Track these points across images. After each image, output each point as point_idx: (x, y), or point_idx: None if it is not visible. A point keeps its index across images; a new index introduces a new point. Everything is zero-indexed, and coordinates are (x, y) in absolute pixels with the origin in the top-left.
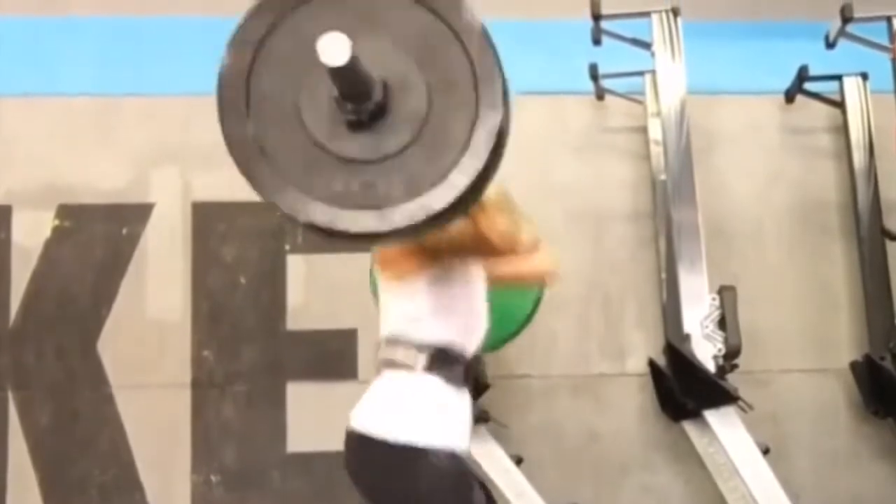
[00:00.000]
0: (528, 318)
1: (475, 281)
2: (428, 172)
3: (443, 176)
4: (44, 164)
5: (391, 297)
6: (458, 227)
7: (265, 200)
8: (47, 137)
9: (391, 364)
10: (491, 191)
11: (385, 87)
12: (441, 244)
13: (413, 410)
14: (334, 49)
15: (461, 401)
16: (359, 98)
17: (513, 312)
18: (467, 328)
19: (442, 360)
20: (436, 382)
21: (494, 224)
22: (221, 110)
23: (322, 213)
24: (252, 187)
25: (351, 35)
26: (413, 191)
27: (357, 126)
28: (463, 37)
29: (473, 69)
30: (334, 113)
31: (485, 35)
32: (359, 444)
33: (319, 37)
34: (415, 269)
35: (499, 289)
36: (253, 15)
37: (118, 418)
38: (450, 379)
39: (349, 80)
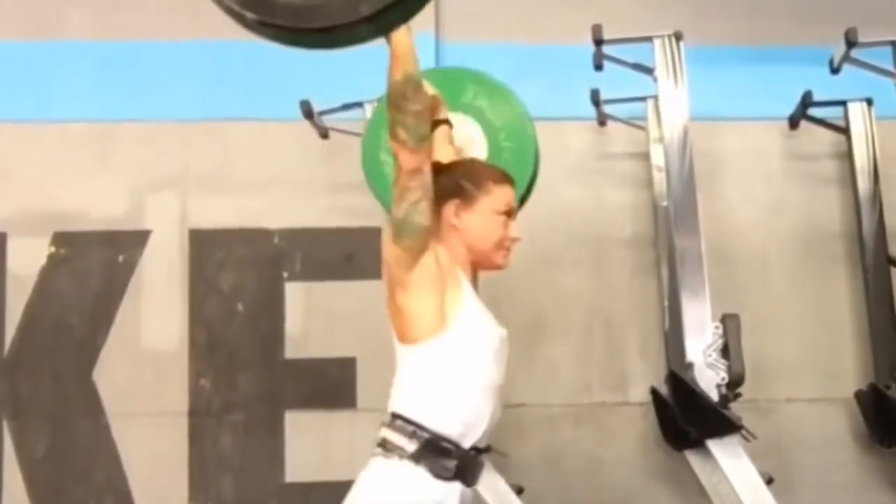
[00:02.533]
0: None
1: (489, 366)
2: None
3: None
4: (39, 191)
5: (401, 367)
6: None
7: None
8: (42, 164)
9: (383, 445)
10: None
11: None
12: (389, 270)
13: (384, 494)
14: None
15: (448, 494)
16: None
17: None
18: (469, 419)
19: (433, 451)
20: (420, 473)
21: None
22: None
23: (268, 8)
24: None
25: None
26: None
27: None
28: None
29: None
30: None
31: None
32: None
33: None
34: (398, 327)
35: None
36: None
37: (114, 447)
38: (438, 473)
39: None
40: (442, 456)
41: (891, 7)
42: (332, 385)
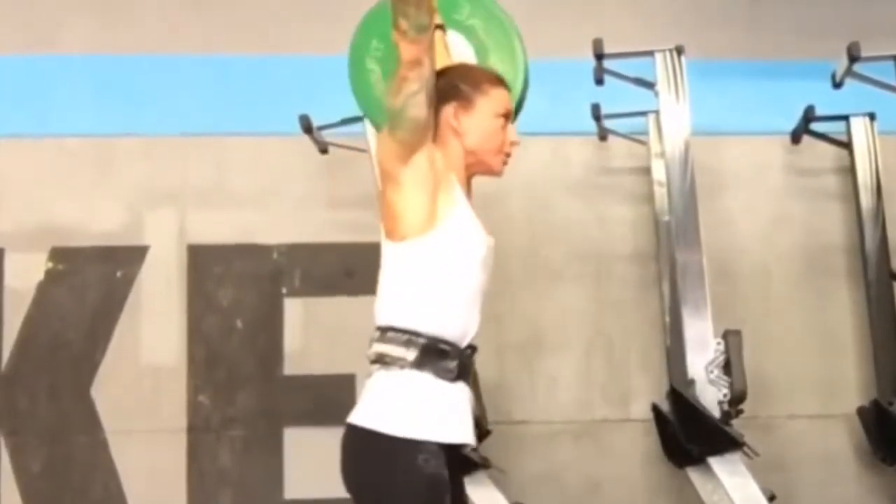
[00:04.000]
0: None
1: (477, 268)
2: None
3: None
4: (36, 206)
5: (386, 270)
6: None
7: None
8: (40, 179)
9: (381, 359)
10: None
11: None
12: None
13: (394, 403)
14: None
15: (455, 395)
16: None
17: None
18: (462, 318)
19: (432, 355)
20: (425, 378)
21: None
22: None
23: None
24: None
25: None
26: None
27: None
28: None
29: None
30: None
31: None
32: (342, 438)
33: None
34: (388, 223)
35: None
36: None
37: (112, 464)
38: (441, 375)
39: None
40: (442, 358)
41: (893, 21)
42: (331, 401)
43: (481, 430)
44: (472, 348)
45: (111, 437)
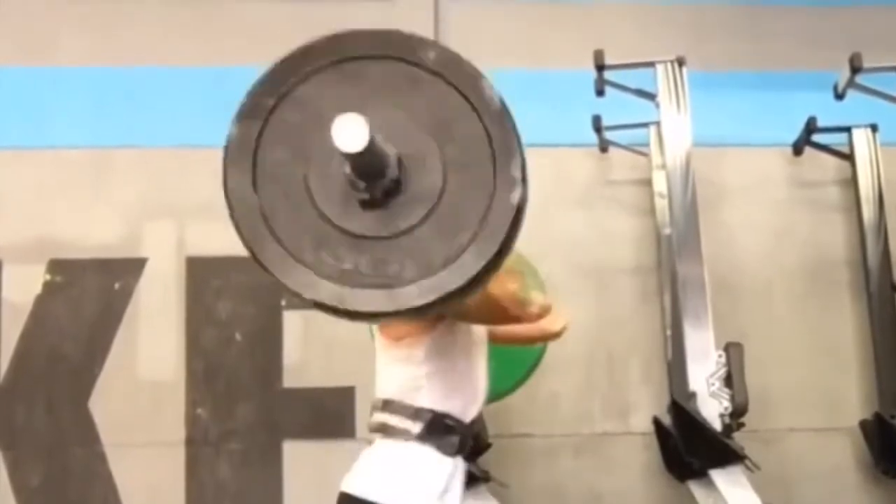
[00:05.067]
0: (538, 360)
1: (478, 345)
2: (442, 251)
3: (457, 255)
4: (34, 218)
5: (389, 359)
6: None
7: (272, 277)
8: (38, 190)
9: (384, 429)
10: None
11: (400, 162)
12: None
13: (395, 474)
14: (350, 132)
15: (454, 469)
16: (373, 177)
17: (521, 356)
18: (466, 396)
19: (437, 429)
20: (428, 452)
21: (505, 287)
22: (227, 184)
23: (330, 292)
24: (258, 264)
25: (365, 108)
26: (425, 270)
27: (369, 204)
28: (482, 112)
29: (492, 146)
30: (346, 189)
31: (505, 111)
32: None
33: (332, 113)
34: (415, 332)
35: (493, 348)
36: (263, 84)
37: (110, 477)
38: (444, 449)
39: (363, 161)
40: (447, 433)
41: None
42: (330, 414)
43: (482, 444)
44: (474, 424)
45: (109, 451)
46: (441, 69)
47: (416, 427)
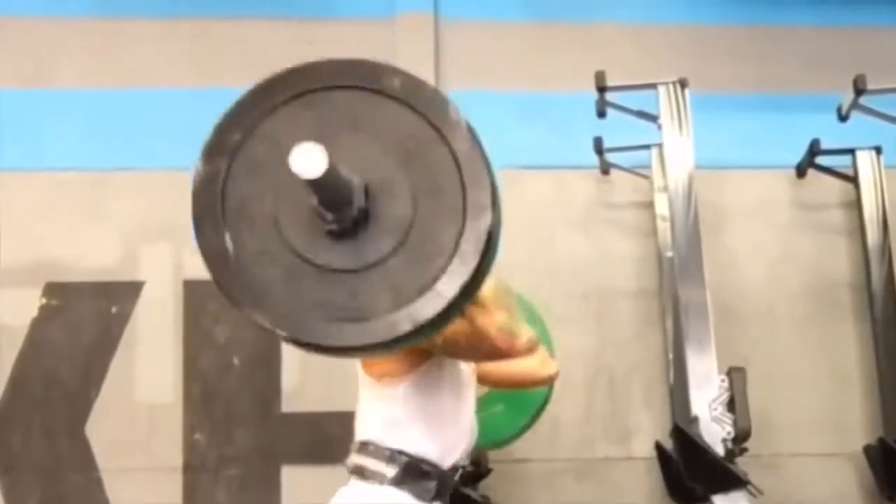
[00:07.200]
0: (545, 404)
1: (465, 387)
2: (414, 280)
3: (430, 284)
4: (31, 241)
5: (371, 396)
6: (453, 323)
7: (242, 313)
8: (34, 213)
9: (360, 472)
10: (488, 283)
11: (367, 191)
12: (432, 342)
13: None
14: (308, 160)
15: None
16: (339, 206)
17: (527, 399)
18: (447, 440)
19: (413, 474)
20: (403, 497)
21: (493, 318)
22: (196, 221)
23: (303, 328)
24: (228, 299)
25: (330, 138)
26: (399, 301)
27: (339, 235)
28: (448, 137)
29: (460, 171)
30: (314, 221)
31: (471, 134)
32: None
33: (294, 145)
34: (399, 369)
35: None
36: (228, 119)
37: (107, 503)
38: (419, 495)
39: (327, 190)
40: (423, 478)
41: None
42: (329, 439)
43: (482, 469)
44: (455, 469)
45: (106, 476)
46: (407, 96)
47: (390, 471)
